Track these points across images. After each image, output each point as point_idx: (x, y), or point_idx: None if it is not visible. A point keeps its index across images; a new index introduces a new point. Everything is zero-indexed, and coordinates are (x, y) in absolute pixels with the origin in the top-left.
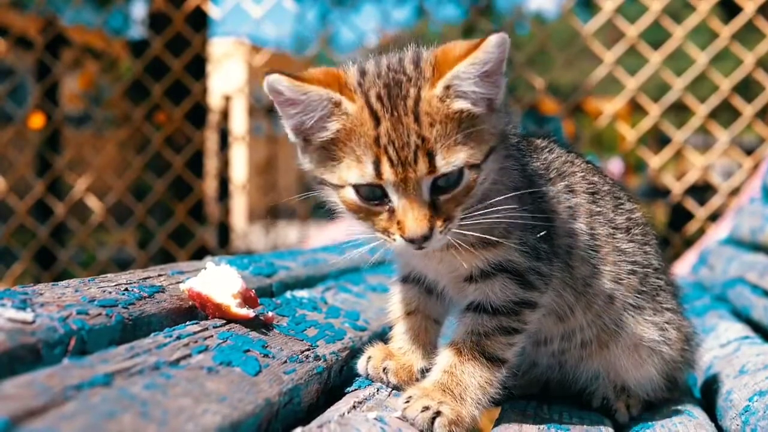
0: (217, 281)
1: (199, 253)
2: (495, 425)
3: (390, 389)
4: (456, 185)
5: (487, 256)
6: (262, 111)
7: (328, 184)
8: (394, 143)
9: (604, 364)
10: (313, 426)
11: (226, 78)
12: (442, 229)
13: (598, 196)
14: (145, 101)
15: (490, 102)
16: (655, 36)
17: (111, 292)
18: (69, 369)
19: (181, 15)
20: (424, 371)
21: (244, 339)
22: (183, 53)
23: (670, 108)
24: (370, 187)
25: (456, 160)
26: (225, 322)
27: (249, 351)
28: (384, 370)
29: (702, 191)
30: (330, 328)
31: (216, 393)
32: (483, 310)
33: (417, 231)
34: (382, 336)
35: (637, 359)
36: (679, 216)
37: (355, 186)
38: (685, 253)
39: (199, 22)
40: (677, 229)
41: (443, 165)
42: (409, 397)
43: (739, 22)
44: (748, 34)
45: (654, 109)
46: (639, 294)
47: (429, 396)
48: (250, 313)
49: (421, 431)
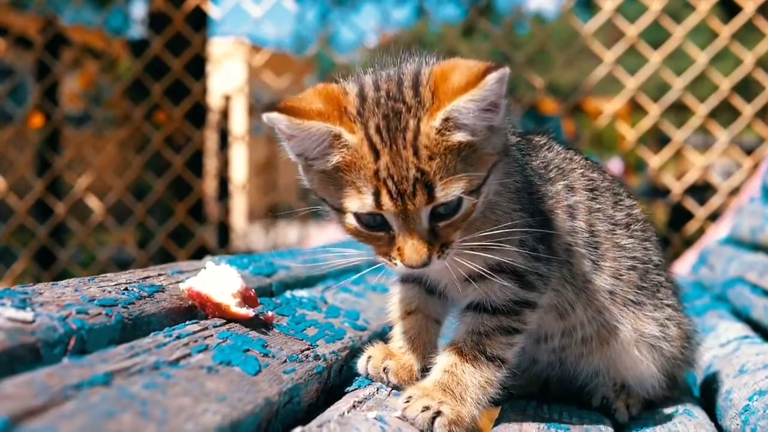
0: (217, 281)
1: (199, 253)
2: (495, 425)
3: (390, 389)
4: (455, 212)
5: (487, 258)
6: (262, 111)
7: (329, 205)
8: (393, 177)
9: (605, 360)
10: (312, 425)
11: (226, 78)
12: (440, 255)
13: (598, 193)
14: (145, 101)
15: (490, 126)
16: (655, 36)
17: (111, 292)
18: (68, 368)
19: (181, 15)
20: (425, 371)
21: (243, 338)
22: (183, 53)
23: (670, 108)
24: (370, 215)
25: (455, 190)
26: (225, 321)
27: (249, 350)
28: (384, 369)
29: (702, 191)
30: (330, 327)
31: (216, 392)
32: (483, 309)
33: (416, 259)
34: (382, 336)
35: (637, 355)
36: (679, 216)
37: (356, 213)
38: (685, 253)
39: (199, 21)
40: (677, 229)
41: (442, 196)
42: (410, 396)
43: (738, 21)
44: (748, 34)
45: (654, 109)
46: (639, 290)
47: (429, 396)
48: (249, 312)
49: (422, 431)
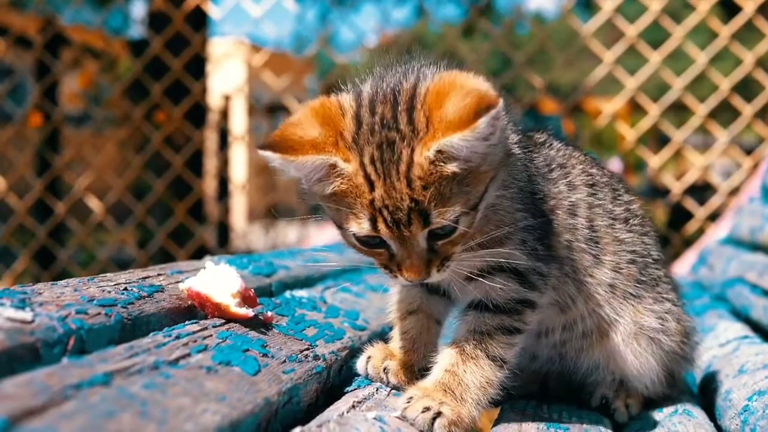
0: (217, 281)
1: (199, 253)
2: (494, 425)
3: (389, 389)
4: (453, 231)
5: (488, 256)
6: (261, 110)
7: (329, 217)
8: (388, 207)
9: (604, 353)
10: (312, 425)
11: (225, 78)
12: (440, 269)
13: (597, 188)
14: (145, 101)
15: (486, 152)
16: (655, 36)
17: (110, 292)
18: (68, 368)
19: (181, 14)
20: (425, 371)
21: (243, 338)
22: (183, 53)
23: (670, 108)
24: (368, 237)
25: (451, 214)
26: (224, 321)
27: (248, 350)
28: (384, 370)
29: (701, 191)
30: (329, 327)
31: (215, 392)
32: (485, 308)
33: (415, 276)
34: (382, 336)
35: (636, 348)
36: (678, 216)
37: (354, 234)
38: (684, 253)
39: (199, 21)
40: (677, 229)
41: (437, 222)
42: (410, 397)
43: (738, 21)
44: (748, 34)
45: (653, 109)
46: (639, 283)
47: (430, 396)
48: (249, 312)
49: (422, 431)
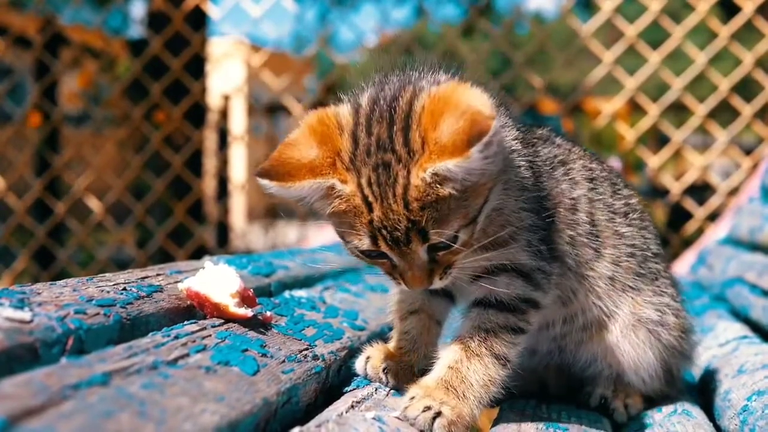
0: (216, 281)
1: (198, 253)
2: (493, 425)
3: (388, 389)
4: (453, 243)
5: (492, 258)
6: (261, 110)
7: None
8: (386, 227)
9: (602, 345)
10: (311, 425)
11: (225, 77)
12: (443, 276)
13: (597, 182)
14: (144, 100)
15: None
16: (654, 36)
17: (109, 292)
18: (67, 368)
19: (180, 14)
20: (424, 372)
21: (242, 338)
22: (182, 53)
23: (669, 108)
24: (369, 250)
25: (449, 230)
26: (223, 321)
27: (247, 350)
28: (384, 370)
29: (701, 191)
30: (328, 327)
31: (214, 392)
32: (490, 305)
33: (417, 285)
34: (381, 336)
35: (634, 339)
36: (678, 216)
37: (356, 247)
38: (684, 253)
39: (199, 21)
40: (676, 229)
41: (436, 238)
42: (412, 396)
43: (738, 21)
44: (747, 34)
45: (653, 109)
46: (638, 276)
47: (431, 396)
48: (248, 312)
49: (422, 431)
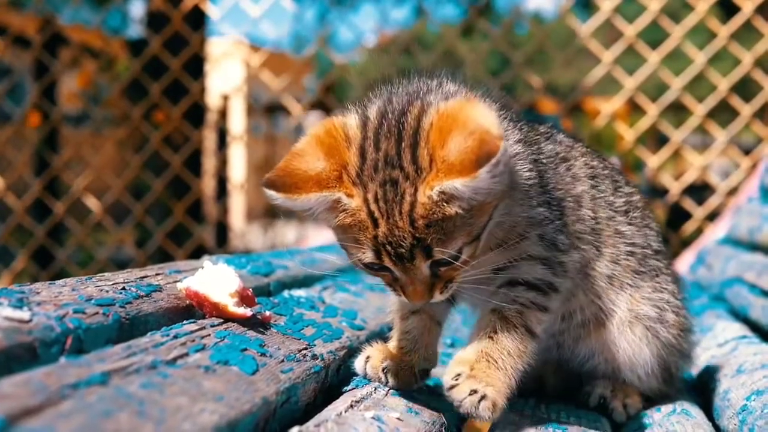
0: (215, 280)
1: (198, 253)
2: (493, 423)
3: (387, 388)
4: (456, 259)
5: (507, 256)
6: (260, 110)
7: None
8: (391, 243)
9: (600, 342)
10: (310, 425)
11: (224, 77)
12: (444, 290)
13: (599, 180)
14: (144, 100)
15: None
16: (654, 36)
17: (108, 291)
18: (66, 368)
19: (180, 14)
20: (424, 373)
21: (241, 338)
22: (181, 52)
23: (669, 108)
24: (372, 263)
25: (453, 248)
26: (222, 321)
27: (246, 350)
28: (383, 370)
29: (700, 191)
30: (327, 327)
31: (213, 392)
32: (518, 284)
33: (417, 301)
34: (380, 335)
35: (631, 336)
36: (677, 216)
37: (359, 260)
38: (683, 253)
39: (198, 21)
40: (675, 229)
41: (440, 255)
42: (457, 374)
43: (737, 21)
44: (747, 34)
45: (652, 109)
46: (637, 274)
47: (475, 377)
48: (247, 312)
49: (466, 412)
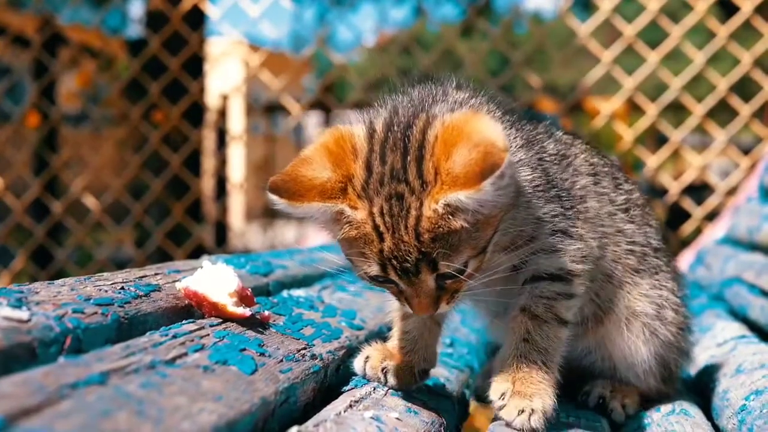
0: (214, 280)
1: (197, 252)
2: (492, 422)
3: (386, 388)
4: (462, 272)
5: (521, 253)
6: (259, 110)
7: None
8: (397, 258)
9: (597, 339)
10: (309, 425)
11: (223, 77)
12: (450, 301)
13: (599, 177)
14: (143, 100)
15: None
16: (653, 35)
17: (107, 291)
18: (64, 367)
19: (179, 14)
20: (424, 373)
21: (240, 338)
22: (180, 52)
23: (668, 107)
24: (378, 276)
25: (459, 261)
26: (221, 321)
27: (245, 350)
28: (383, 370)
29: (699, 191)
30: (326, 327)
31: (212, 392)
32: (540, 278)
33: (422, 314)
34: (379, 335)
35: (627, 334)
36: (676, 215)
37: (365, 272)
38: (682, 253)
39: (197, 21)
40: (674, 229)
41: (446, 268)
42: (502, 394)
43: (736, 21)
44: (746, 34)
45: (651, 109)
46: (636, 272)
47: (520, 392)
48: (246, 312)
49: (519, 429)
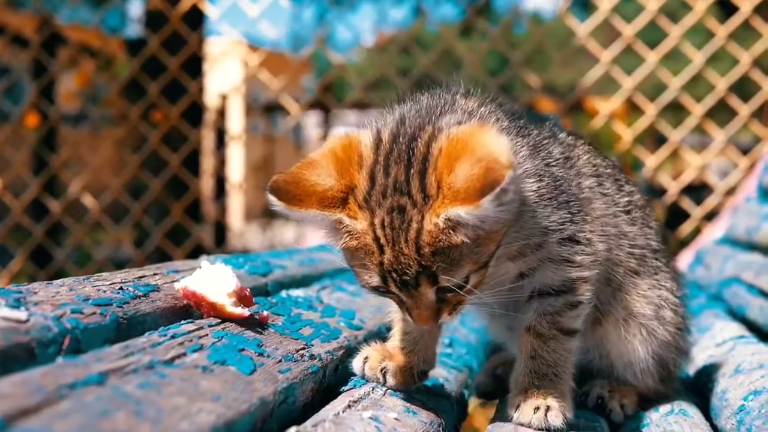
0: (212, 280)
1: (196, 252)
2: (491, 422)
3: (385, 388)
4: (463, 286)
5: (529, 261)
6: (258, 110)
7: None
8: (396, 270)
9: (596, 339)
10: (308, 425)
11: (222, 77)
12: (452, 313)
13: (602, 179)
14: (142, 100)
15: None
16: (652, 35)
17: (106, 291)
18: (63, 368)
19: (178, 14)
20: (423, 374)
21: (238, 338)
22: (180, 52)
23: (667, 107)
24: (378, 287)
25: (459, 276)
26: (220, 321)
27: (244, 350)
28: (382, 371)
29: (698, 190)
30: (325, 327)
31: (210, 392)
32: (546, 293)
33: (422, 325)
34: (378, 335)
35: (624, 334)
36: (675, 215)
37: (366, 282)
38: (681, 253)
39: (196, 20)
40: (673, 229)
41: (446, 282)
42: (517, 405)
43: (735, 21)
44: (745, 34)
45: (650, 109)
46: (636, 274)
47: (533, 395)
48: (244, 312)
49: (540, 428)
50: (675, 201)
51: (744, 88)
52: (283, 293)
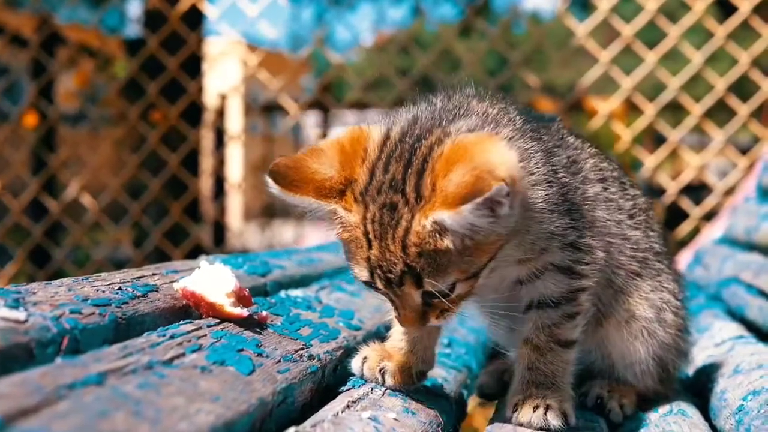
0: (211, 280)
1: (195, 252)
2: (490, 423)
3: (384, 389)
4: (449, 294)
5: (530, 266)
6: (257, 110)
7: None
8: (381, 267)
9: (597, 340)
10: (306, 425)
11: (221, 77)
12: (440, 317)
13: (608, 183)
14: (141, 100)
15: (492, 224)
16: (651, 35)
17: (104, 291)
18: (62, 368)
19: (177, 14)
20: (422, 375)
21: (237, 338)
22: (178, 52)
23: (666, 107)
24: (367, 282)
25: (444, 283)
26: (219, 321)
27: (243, 350)
28: (381, 371)
29: (697, 190)
30: (324, 327)
31: (209, 392)
32: (545, 305)
33: (410, 326)
34: (377, 335)
35: (625, 335)
36: (674, 215)
37: (357, 275)
38: (680, 253)
39: (195, 20)
40: (672, 229)
41: (430, 287)
42: (515, 406)
43: (734, 21)
44: (744, 34)
45: (649, 109)
46: (638, 277)
47: (532, 396)
48: (243, 312)
49: (540, 428)
50: (674, 201)
51: (743, 88)
52: (282, 293)
